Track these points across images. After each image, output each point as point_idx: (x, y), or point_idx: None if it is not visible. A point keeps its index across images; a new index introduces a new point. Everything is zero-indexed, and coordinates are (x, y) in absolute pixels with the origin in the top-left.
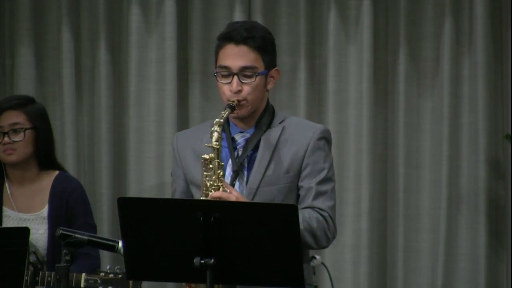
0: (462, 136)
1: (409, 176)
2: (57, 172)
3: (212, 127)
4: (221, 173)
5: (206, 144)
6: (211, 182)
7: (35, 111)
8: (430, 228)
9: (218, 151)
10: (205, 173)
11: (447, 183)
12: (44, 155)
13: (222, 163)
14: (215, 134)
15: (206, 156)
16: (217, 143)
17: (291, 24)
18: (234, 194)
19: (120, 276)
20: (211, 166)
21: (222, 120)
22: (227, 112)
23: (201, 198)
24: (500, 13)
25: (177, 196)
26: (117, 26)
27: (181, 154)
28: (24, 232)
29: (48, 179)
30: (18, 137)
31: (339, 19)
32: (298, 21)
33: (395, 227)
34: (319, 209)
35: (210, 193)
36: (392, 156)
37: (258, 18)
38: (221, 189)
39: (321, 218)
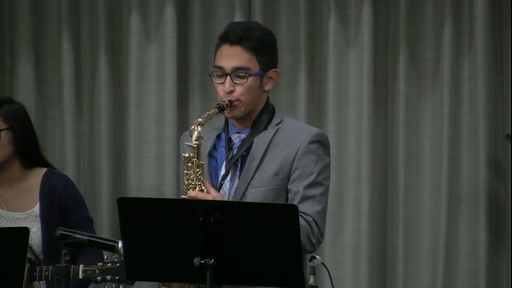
0: (462, 136)
1: (409, 176)
2: (45, 170)
3: (192, 126)
4: (200, 172)
5: (186, 143)
6: (190, 181)
7: (10, 112)
8: (430, 228)
9: (197, 150)
10: (185, 171)
11: (447, 183)
12: (26, 154)
13: (202, 163)
14: (195, 133)
15: (186, 155)
16: (197, 142)
17: (291, 24)
18: (212, 194)
19: (118, 264)
20: (190, 164)
21: (201, 120)
22: (213, 112)
23: (182, 196)
24: (500, 13)
25: (184, 194)
26: (117, 26)
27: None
28: (24, 232)
29: (37, 177)
30: None
31: (339, 19)
32: (298, 21)
33: (395, 227)
34: (304, 213)
35: (188, 192)
36: (392, 156)
37: (258, 18)
38: (197, 188)
39: (304, 223)
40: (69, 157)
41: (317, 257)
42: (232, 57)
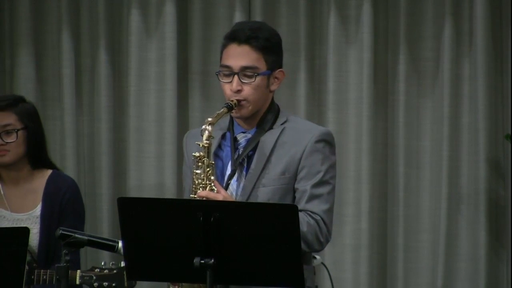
0: (462, 136)
1: (409, 176)
2: (50, 171)
3: (203, 125)
4: (210, 172)
5: (196, 142)
6: (199, 180)
7: (25, 111)
8: (430, 228)
9: (208, 150)
10: (195, 171)
11: (447, 183)
12: (36, 155)
13: (212, 162)
14: (206, 133)
15: (196, 154)
16: (207, 141)
17: (291, 24)
18: (222, 193)
19: (115, 271)
20: (200, 164)
21: (212, 119)
22: (222, 111)
23: (191, 195)
24: (500, 13)
25: (186, 194)
26: (117, 26)
27: (189, 153)
28: (24, 232)
29: (42, 179)
30: (10, 138)
31: (339, 19)
32: (298, 21)
33: (395, 227)
34: (312, 212)
35: (198, 191)
36: (392, 156)
37: (258, 18)
38: (208, 188)
39: (312, 221)
40: (69, 157)
41: (317, 257)
42: (240, 56)
